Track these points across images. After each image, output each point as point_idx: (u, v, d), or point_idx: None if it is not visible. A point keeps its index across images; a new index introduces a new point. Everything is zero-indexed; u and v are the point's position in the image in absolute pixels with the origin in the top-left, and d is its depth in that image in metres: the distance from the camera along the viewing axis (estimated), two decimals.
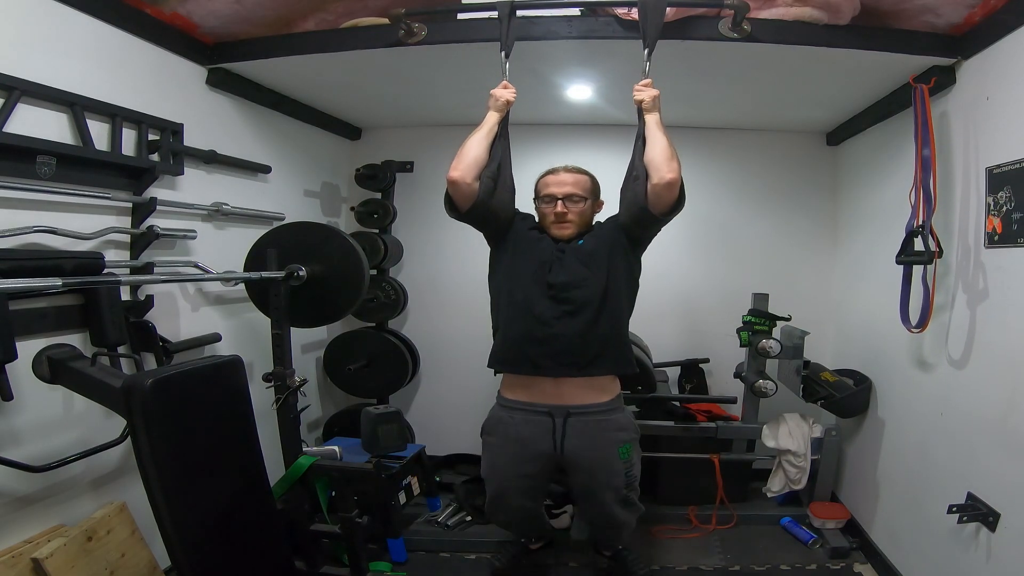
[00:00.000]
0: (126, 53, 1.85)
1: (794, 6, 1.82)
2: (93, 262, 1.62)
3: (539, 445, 1.88)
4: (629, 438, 1.93)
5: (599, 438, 1.88)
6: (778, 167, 3.12)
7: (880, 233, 2.46)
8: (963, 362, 1.86)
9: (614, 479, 1.91)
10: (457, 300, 3.18)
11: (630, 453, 1.93)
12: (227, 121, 2.34)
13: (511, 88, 1.85)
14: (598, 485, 1.92)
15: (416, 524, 2.58)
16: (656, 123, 1.75)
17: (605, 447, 1.89)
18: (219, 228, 2.30)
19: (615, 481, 1.91)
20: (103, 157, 1.76)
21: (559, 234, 1.92)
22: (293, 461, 2.09)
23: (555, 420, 1.86)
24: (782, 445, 2.66)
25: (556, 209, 1.90)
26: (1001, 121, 1.73)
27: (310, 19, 2.15)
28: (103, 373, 1.55)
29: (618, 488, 1.92)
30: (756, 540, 2.57)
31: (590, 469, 1.90)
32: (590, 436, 1.87)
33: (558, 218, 1.91)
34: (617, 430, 1.91)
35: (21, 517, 1.55)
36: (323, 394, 3.13)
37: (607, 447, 1.89)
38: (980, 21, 1.78)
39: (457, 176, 1.76)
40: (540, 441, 1.88)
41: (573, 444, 1.87)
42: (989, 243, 1.75)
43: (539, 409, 1.88)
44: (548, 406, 1.87)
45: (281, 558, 1.80)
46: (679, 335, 3.15)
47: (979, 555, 1.71)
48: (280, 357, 2.07)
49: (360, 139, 3.30)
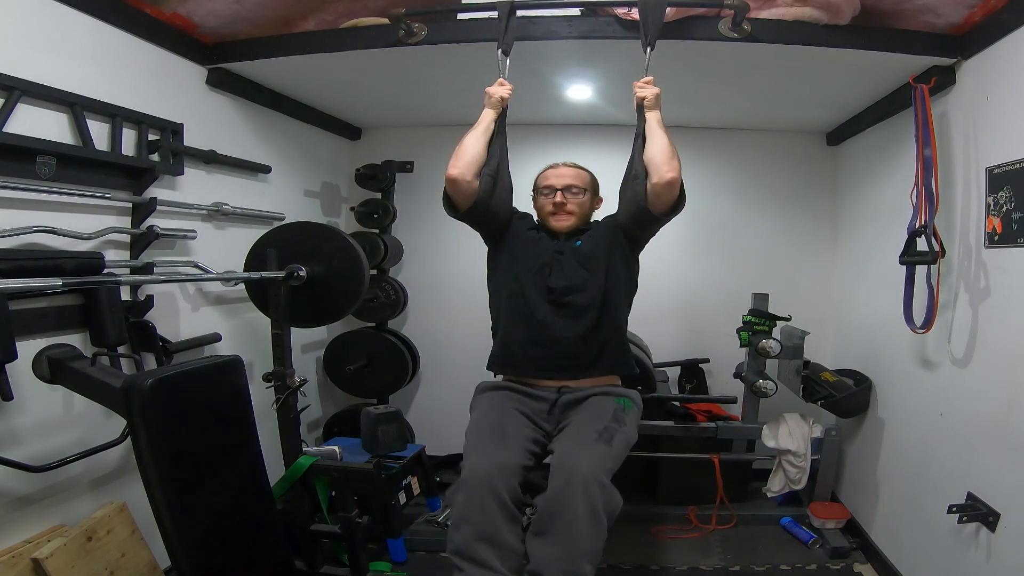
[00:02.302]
0: (126, 53, 1.85)
1: (794, 6, 1.82)
2: (93, 262, 1.62)
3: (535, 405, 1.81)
4: (628, 396, 1.81)
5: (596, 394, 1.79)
6: (778, 167, 3.12)
7: (880, 233, 2.46)
8: (963, 362, 1.86)
9: (602, 414, 1.70)
10: (457, 300, 3.18)
11: (627, 407, 1.77)
12: (227, 121, 2.34)
13: (507, 85, 1.84)
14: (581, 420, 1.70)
15: (416, 524, 2.58)
16: (657, 121, 1.74)
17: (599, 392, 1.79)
18: (219, 228, 2.30)
19: (602, 415, 1.69)
20: (103, 157, 1.76)
21: (557, 226, 1.91)
22: (293, 461, 2.09)
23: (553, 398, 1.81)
24: (782, 445, 2.66)
25: (555, 199, 1.88)
26: (1001, 121, 1.73)
27: (310, 19, 2.15)
28: (103, 373, 1.55)
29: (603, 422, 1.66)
30: (756, 540, 2.57)
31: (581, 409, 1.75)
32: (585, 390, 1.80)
33: (557, 208, 1.89)
34: (618, 394, 1.81)
35: (21, 517, 1.55)
36: (323, 394, 3.13)
37: (601, 392, 1.79)
38: (980, 21, 1.78)
39: (456, 174, 1.74)
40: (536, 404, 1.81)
41: (567, 396, 1.80)
42: (989, 243, 1.75)
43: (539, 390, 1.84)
44: (548, 390, 1.83)
45: (281, 558, 1.80)
46: (679, 335, 3.15)
47: (979, 555, 1.71)
48: (280, 357, 2.07)
49: (360, 139, 3.30)
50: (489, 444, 1.62)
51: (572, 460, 1.53)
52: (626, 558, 2.39)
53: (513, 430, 1.68)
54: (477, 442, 1.65)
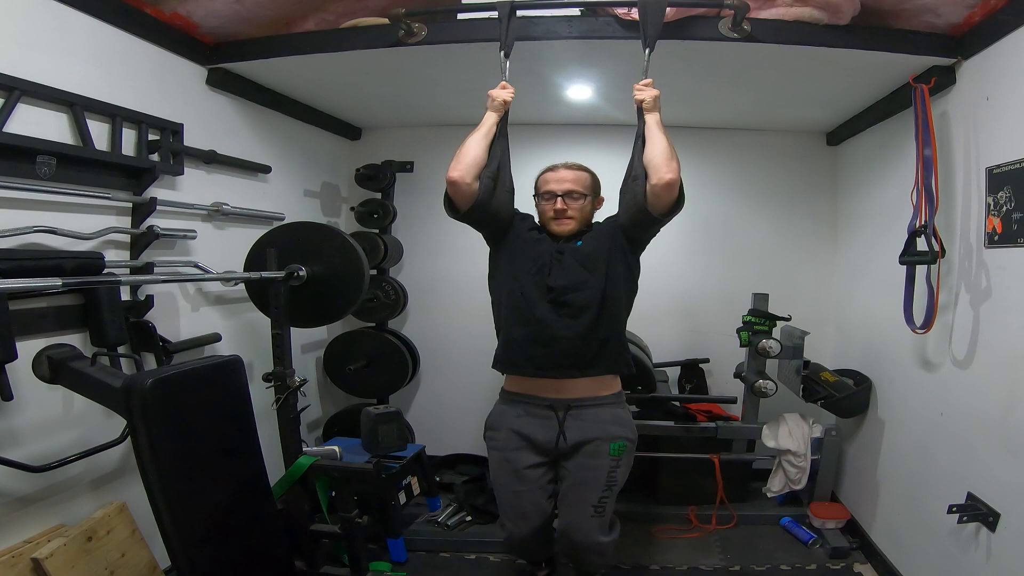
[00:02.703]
0: (126, 53, 1.85)
1: (794, 6, 1.82)
2: (93, 262, 1.62)
3: (541, 436, 1.87)
4: (624, 436, 1.89)
5: (595, 424, 1.86)
6: (778, 167, 3.12)
7: (880, 233, 2.46)
8: (964, 362, 1.86)
9: (596, 480, 1.85)
10: (457, 300, 3.17)
11: (621, 453, 1.88)
12: (227, 121, 2.34)
13: (509, 88, 1.85)
14: (581, 478, 1.86)
15: (416, 524, 2.58)
16: (656, 123, 1.74)
17: (598, 431, 1.85)
18: (219, 228, 2.30)
19: (596, 482, 1.84)
20: (103, 157, 1.76)
21: (559, 230, 1.92)
22: (293, 461, 2.09)
23: (557, 413, 1.86)
24: (782, 445, 2.66)
25: (556, 206, 1.89)
26: (1001, 121, 1.73)
27: (310, 19, 2.15)
28: (103, 373, 1.55)
29: (596, 487, 1.84)
30: (756, 540, 2.57)
31: (580, 457, 1.86)
32: (587, 420, 1.86)
33: (557, 214, 1.90)
34: (614, 423, 1.88)
35: (21, 517, 1.55)
36: (323, 394, 3.13)
37: (600, 432, 1.86)
38: (980, 21, 1.78)
39: (457, 176, 1.76)
40: (542, 432, 1.87)
41: (572, 432, 1.85)
42: (989, 243, 1.75)
43: (541, 402, 1.87)
44: (550, 399, 1.87)
45: (281, 558, 1.80)
46: (679, 335, 3.14)
47: (979, 555, 1.71)
48: (280, 357, 2.07)
49: (360, 139, 3.30)
50: (515, 518, 1.93)
51: (573, 538, 1.87)
52: (626, 558, 2.39)
53: (529, 499, 1.90)
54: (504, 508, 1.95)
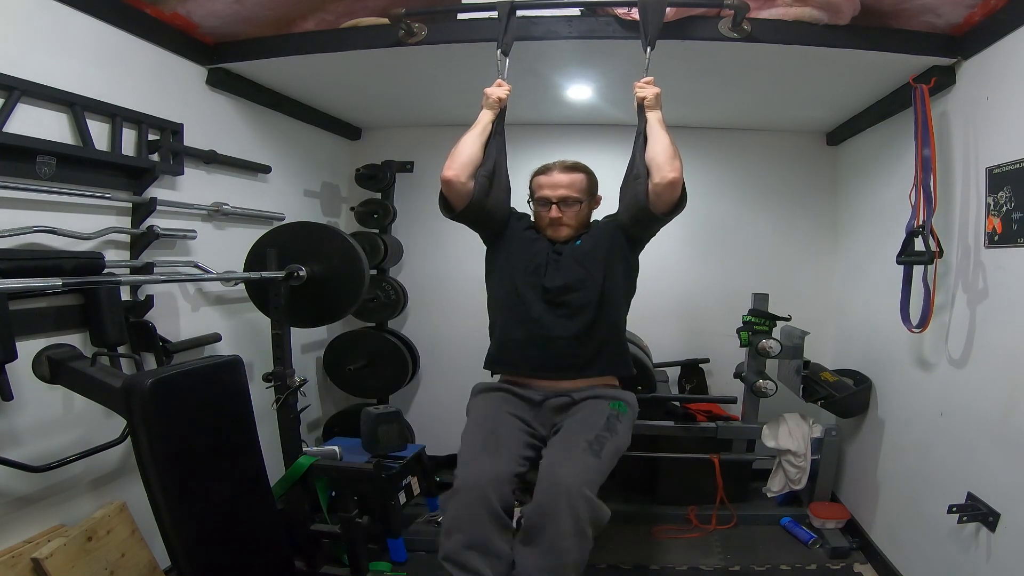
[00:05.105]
0: (126, 53, 1.85)
1: (794, 6, 1.82)
2: (93, 262, 1.62)
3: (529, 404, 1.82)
4: (624, 399, 1.80)
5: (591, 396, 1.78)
6: (778, 167, 3.12)
7: (880, 233, 2.46)
8: (963, 362, 1.86)
9: (594, 421, 1.67)
10: (457, 300, 3.17)
11: (623, 410, 1.75)
12: (227, 121, 2.34)
13: (505, 85, 1.83)
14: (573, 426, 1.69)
15: (416, 524, 2.58)
16: (658, 121, 1.73)
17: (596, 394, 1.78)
18: (219, 228, 2.30)
19: (594, 423, 1.67)
20: (103, 157, 1.76)
21: (555, 236, 1.90)
22: (293, 461, 2.09)
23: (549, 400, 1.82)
24: (782, 445, 2.66)
25: (551, 214, 1.87)
26: (1001, 121, 1.73)
27: (310, 19, 2.15)
28: (103, 373, 1.55)
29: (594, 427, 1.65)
30: (756, 540, 2.56)
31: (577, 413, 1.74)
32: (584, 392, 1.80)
33: (553, 222, 1.89)
34: (613, 397, 1.80)
35: (21, 517, 1.55)
36: (323, 394, 3.13)
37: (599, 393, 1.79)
38: (980, 21, 1.78)
39: (451, 175, 1.74)
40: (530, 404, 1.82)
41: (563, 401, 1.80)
42: (989, 243, 1.75)
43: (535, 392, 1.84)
44: (544, 391, 1.84)
45: (281, 558, 1.80)
46: (679, 335, 3.14)
47: (979, 555, 1.71)
48: (280, 357, 2.07)
49: (360, 139, 3.29)
50: (482, 454, 1.62)
51: (558, 472, 1.52)
52: (626, 558, 2.39)
53: (507, 437, 1.69)
54: (471, 450, 1.66)
